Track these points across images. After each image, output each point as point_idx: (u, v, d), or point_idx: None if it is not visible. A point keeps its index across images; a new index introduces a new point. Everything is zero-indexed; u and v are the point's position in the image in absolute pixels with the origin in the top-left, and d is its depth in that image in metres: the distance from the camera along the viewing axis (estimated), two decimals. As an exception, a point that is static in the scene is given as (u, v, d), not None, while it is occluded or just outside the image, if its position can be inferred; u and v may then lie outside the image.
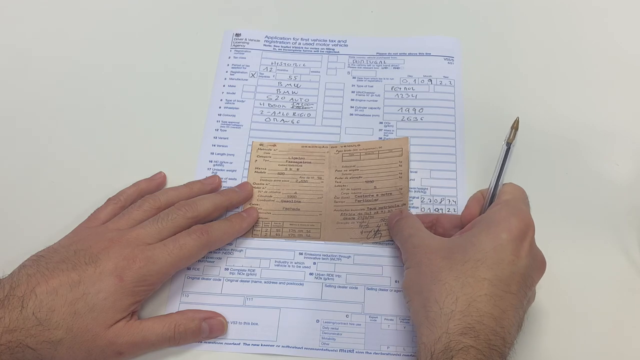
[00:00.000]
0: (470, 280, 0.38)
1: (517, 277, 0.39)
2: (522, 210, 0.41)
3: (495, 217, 0.40)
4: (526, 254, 0.39)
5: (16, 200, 0.51)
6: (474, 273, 0.38)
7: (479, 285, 0.38)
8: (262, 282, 0.47)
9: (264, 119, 0.55)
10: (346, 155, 0.53)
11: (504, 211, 0.41)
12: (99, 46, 0.60)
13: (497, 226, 0.40)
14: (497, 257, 0.38)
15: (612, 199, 0.50)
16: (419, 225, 0.45)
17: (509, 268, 0.38)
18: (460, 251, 0.39)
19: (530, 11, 0.62)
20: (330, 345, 0.44)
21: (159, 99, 0.56)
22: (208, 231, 0.45)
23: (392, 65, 0.58)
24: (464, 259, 0.39)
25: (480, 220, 0.41)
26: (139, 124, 0.55)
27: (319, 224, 0.50)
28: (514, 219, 0.40)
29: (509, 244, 0.39)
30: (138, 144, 0.54)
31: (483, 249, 0.39)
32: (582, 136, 0.53)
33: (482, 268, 0.38)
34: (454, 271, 0.39)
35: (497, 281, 0.38)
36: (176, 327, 0.43)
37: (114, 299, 0.41)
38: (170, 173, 0.51)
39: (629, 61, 0.58)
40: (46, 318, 0.39)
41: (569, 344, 0.44)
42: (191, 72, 0.58)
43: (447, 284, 0.38)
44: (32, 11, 0.62)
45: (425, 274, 0.40)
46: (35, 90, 0.57)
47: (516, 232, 0.39)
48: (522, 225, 0.40)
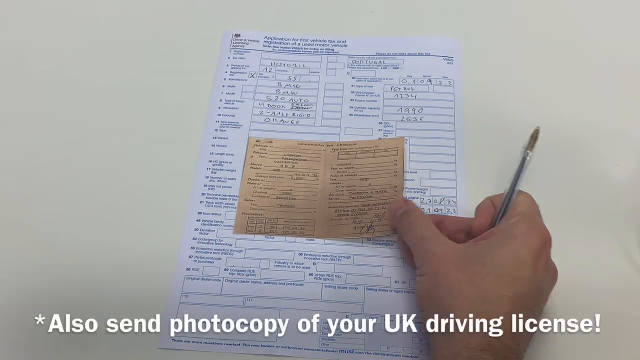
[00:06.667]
0: (492, 296, 0.38)
1: (535, 293, 0.39)
2: (540, 224, 0.41)
3: (514, 230, 0.40)
4: (543, 268, 0.39)
5: (16, 201, 0.51)
6: (494, 289, 0.38)
7: (499, 302, 0.38)
8: (261, 283, 0.47)
9: (263, 119, 0.55)
10: (342, 153, 0.53)
11: (523, 225, 0.40)
12: (98, 46, 0.60)
13: (516, 241, 0.39)
14: (517, 274, 0.38)
15: (612, 199, 0.50)
16: (431, 224, 0.44)
17: (528, 285, 0.38)
18: (479, 264, 0.39)
19: (530, 11, 0.62)
20: (330, 346, 0.44)
21: (158, 99, 0.56)
22: None
23: (391, 66, 0.58)
24: (484, 272, 0.39)
25: (497, 232, 0.41)
26: (139, 124, 0.55)
27: (313, 221, 0.50)
28: (534, 233, 0.40)
29: (528, 260, 0.39)
30: (137, 144, 0.54)
31: (503, 264, 0.39)
32: (582, 136, 0.53)
33: (502, 284, 0.38)
34: (474, 286, 0.38)
35: (516, 298, 0.38)
36: None
37: None
38: (169, 173, 0.51)
39: (629, 61, 0.57)
40: None
41: (569, 344, 0.44)
42: (191, 72, 0.58)
43: (469, 300, 0.38)
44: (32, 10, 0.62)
45: (443, 286, 0.40)
46: (34, 90, 0.57)
47: (535, 247, 0.39)
48: (542, 241, 0.39)
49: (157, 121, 0.55)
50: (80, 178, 0.52)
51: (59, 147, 0.53)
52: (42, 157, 0.53)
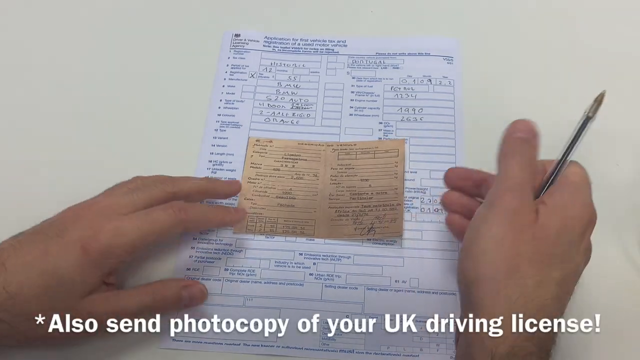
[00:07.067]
0: (545, 279, 0.35)
1: (575, 276, 0.37)
2: (591, 202, 0.38)
3: (570, 203, 0.37)
4: (585, 250, 0.38)
5: (16, 201, 0.51)
6: (548, 272, 0.35)
7: (549, 287, 0.35)
8: (262, 283, 0.47)
9: (263, 119, 0.55)
10: (342, 153, 0.53)
11: (579, 198, 0.37)
12: (98, 47, 0.60)
13: (573, 217, 0.36)
14: (569, 254, 0.36)
15: (612, 199, 0.50)
16: (534, 174, 0.38)
17: (573, 267, 0.37)
18: (546, 242, 0.35)
19: (530, 11, 0.62)
20: (330, 346, 0.44)
21: (158, 99, 0.56)
22: (186, 210, 0.42)
23: (391, 66, 0.58)
24: (547, 251, 0.35)
25: (555, 203, 0.37)
26: (139, 124, 0.55)
27: (313, 221, 0.50)
28: (586, 210, 0.37)
29: (579, 239, 0.37)
30: (138, 144, 0.54)
31: (561, 243, 0.36)
32: (582, 136, 0.53)
33: (555, 265, 0.35)
34: (533, 267, 0.35)
35: (562, 282, 0.36)
36: (154, 295, 0.42)
37: (82, 271, 0.39)
38: (170, 173, 0.51)
39: (629, 61, 0.58)
40: (16, 292, 0.38)
41: (569, 344, 0.44)
42: (191, 72, 0.58)
43: (523, 282, 0.34)
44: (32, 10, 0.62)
45: (503, 259, 0.35)
46: (34, 90, 0.57)
47: (586, 226, 0.37)
48: (591, 219, 0.37)
49: (157, 121, 0.55)
50: (80, 179, 0.52)
51: (59, 147, 0.53)
52: (42, 159, 0.53)
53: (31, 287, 0.38)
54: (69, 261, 0.39)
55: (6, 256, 0.39)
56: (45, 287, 0.38)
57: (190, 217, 0.43)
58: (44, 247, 0.39)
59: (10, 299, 0.38)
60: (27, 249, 0.39)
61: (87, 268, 0.39)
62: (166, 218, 0.42)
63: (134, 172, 0.50)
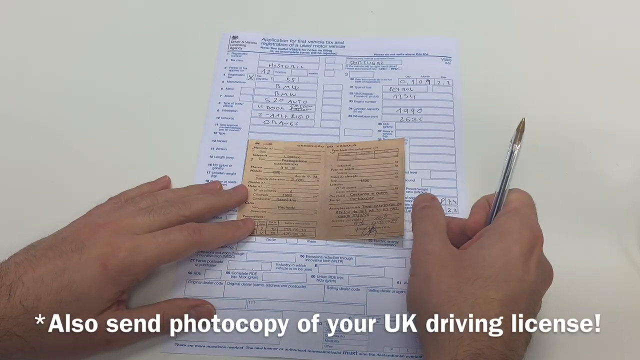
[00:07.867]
0: (480, 301, 0.36)
1: (526, 294, 0.37)
2: (532, 221, 0.40)
3: (505, 227, 0.39)
4: (535, 268, 0.38)
5: (16, 201, 0.51)
6: (483, 293, 0.37)
7: (488, 307, 0.36)
8: (263, 285, 0.47)
9: (262, 121, 0.55)
10: (342, 154, 0.53)
11: (514, 221, 0.39)
12: (97, 49, 0.59)
13: (508, 238, 0.38)
14: (507, 274, 0.37)
15: (612, 198, 0.50)
16: (441, 224, 0.42)
17: (518, 285, 0.37)
18: (470, 267, 0.38)
19: (529, 11, 0.62)
20: (333, 348, 0.44)
21: (157, 102, 0.56)
22: (200, 231, 0.44)
23: (389, 66, 0.58)
24: (474, 276, 0.37)
25: (488, 231, 0.40)
26: (138, 127, 0.55)
27: (314, 222, 0.50)
28: (524, 230, 0.38)
29: (519, 258, 0.37)
30: (137, 148, 0.53)
31: (493, 264, 0.37)
32: (582, 136, 0.53)
33: (491, 287, 0.37)
34: (463, 292, 0.37)
35: (506, 301, 0.37)
36: (163, 316, 0.42)
37: (99, 287, 0.40)
38: (169, 176, 0.51)
39: (629, 61, 0.58)
40: (33, 306, 0.38)
41: (569, 344, 0.44)
42: (189, 75, 0.58)
43: (457, 306, 0.37)
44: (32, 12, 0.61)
45: (433, 291, 0.38)
46: (35, 92, 0.56)
47: (526, 245, 0.38)
48: (532, 238, 0.38)
49: (155, 125, 0.55)
50: (79, 180, 0.52)
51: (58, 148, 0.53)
52: (41, 160, 0.53)
53: (47, 302, 0.39)
54: (87, 277, 0.40)
55: (23, 271, 0.39)
56: (60, 302, 0.39)
57: (205, 238, 0.45)
58: (61, 263, 0.40)
59: (26, 314, 0.38)
60: (43, 263, 0.40)
61: (104, 284, 0.40)
62: (182, 239, 0.43)
63: (133, 176, 0.50)
